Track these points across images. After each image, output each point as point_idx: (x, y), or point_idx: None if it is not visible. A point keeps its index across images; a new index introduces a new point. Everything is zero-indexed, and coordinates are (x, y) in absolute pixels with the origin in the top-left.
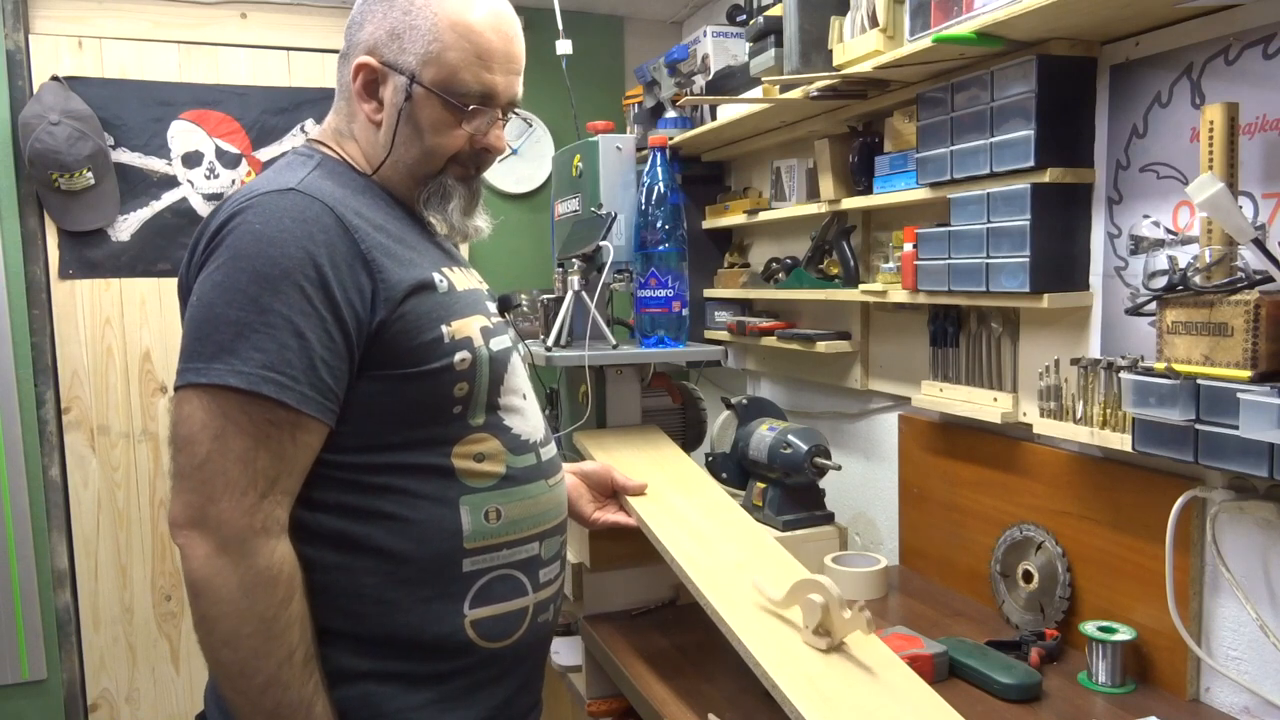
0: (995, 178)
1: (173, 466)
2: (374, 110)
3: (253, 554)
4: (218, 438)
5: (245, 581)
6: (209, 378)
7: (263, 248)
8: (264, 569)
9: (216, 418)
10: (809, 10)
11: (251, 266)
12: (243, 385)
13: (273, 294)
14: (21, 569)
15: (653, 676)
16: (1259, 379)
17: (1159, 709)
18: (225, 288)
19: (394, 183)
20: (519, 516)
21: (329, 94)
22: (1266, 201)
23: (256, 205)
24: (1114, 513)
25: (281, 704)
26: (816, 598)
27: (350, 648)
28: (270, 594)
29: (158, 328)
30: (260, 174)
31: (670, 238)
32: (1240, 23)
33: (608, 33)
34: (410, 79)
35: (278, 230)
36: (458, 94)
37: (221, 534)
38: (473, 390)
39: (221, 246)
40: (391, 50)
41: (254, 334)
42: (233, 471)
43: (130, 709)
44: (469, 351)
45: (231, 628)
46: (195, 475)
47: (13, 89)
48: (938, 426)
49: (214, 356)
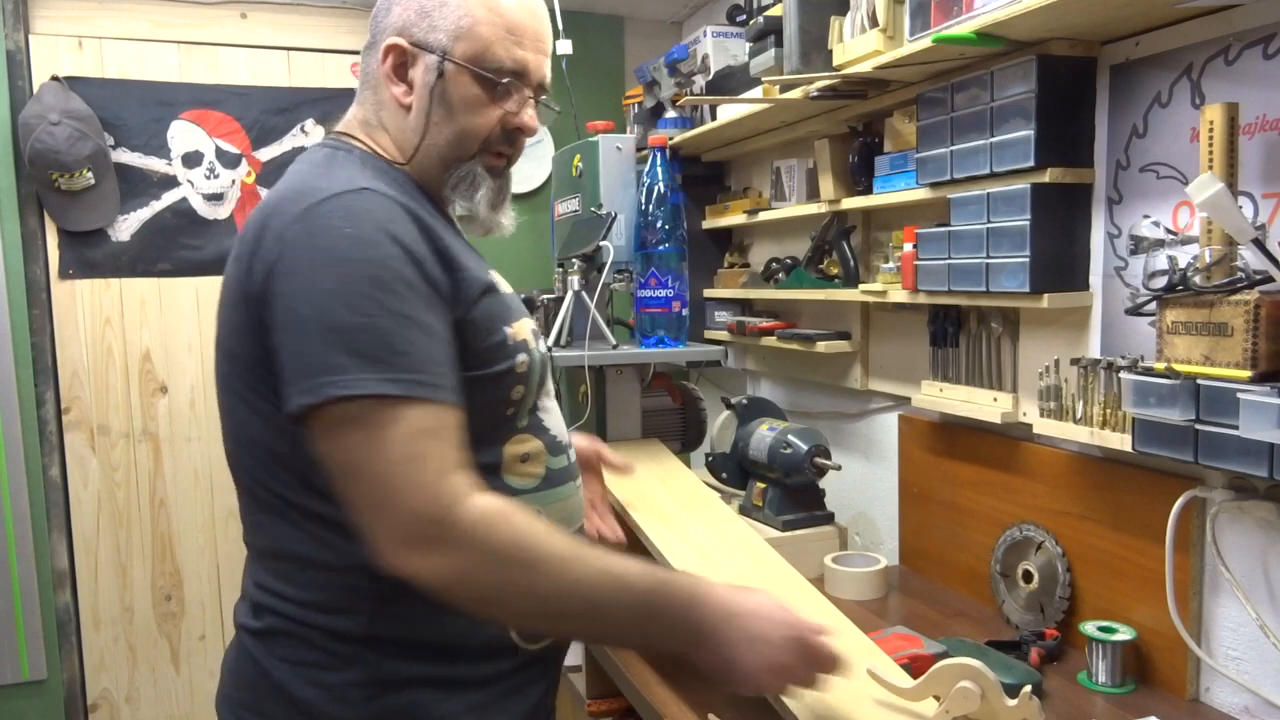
0: (995, 178)
1: (345, 499)
2: (404, 93)
3: (463, 531)
4: (382, 450)
5: (477, 561)
6: (362, 389)
7: (364, 250)
8: (480, 534)
9: (374, 431)
10: (809, 10)
11: (361, 271)
12: (399, 392)
13: (393, 295)
14: (21, 569)
15: (653, 676)
16: (1259, 379)
17: (1159, 709)
18: (340, 294)
19: (427, 173)
20: (556, 518)
21: (329, 94)
22: (1266, 201)
23: (338, 206)
24: (1114, 513)
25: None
26: (970, 685)
27: (401, 654)
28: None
29: (158, 328)
30: (301, 169)
31: (670, 238)
32: (1240, 23)
33: (608, 33)
34: (441, 56)
35: (371, 231)
36: (490, 68)
37: (429, 539)
38: (526, 392)
39: (312, 251)
40: (421, 29)
41: (391, 338)
42: (406, 478)
43: (130, 709)
44: (526, 354)
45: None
46: (376, 499)
47: (13, 89)
48: (938, 426)
49: (358, 367)
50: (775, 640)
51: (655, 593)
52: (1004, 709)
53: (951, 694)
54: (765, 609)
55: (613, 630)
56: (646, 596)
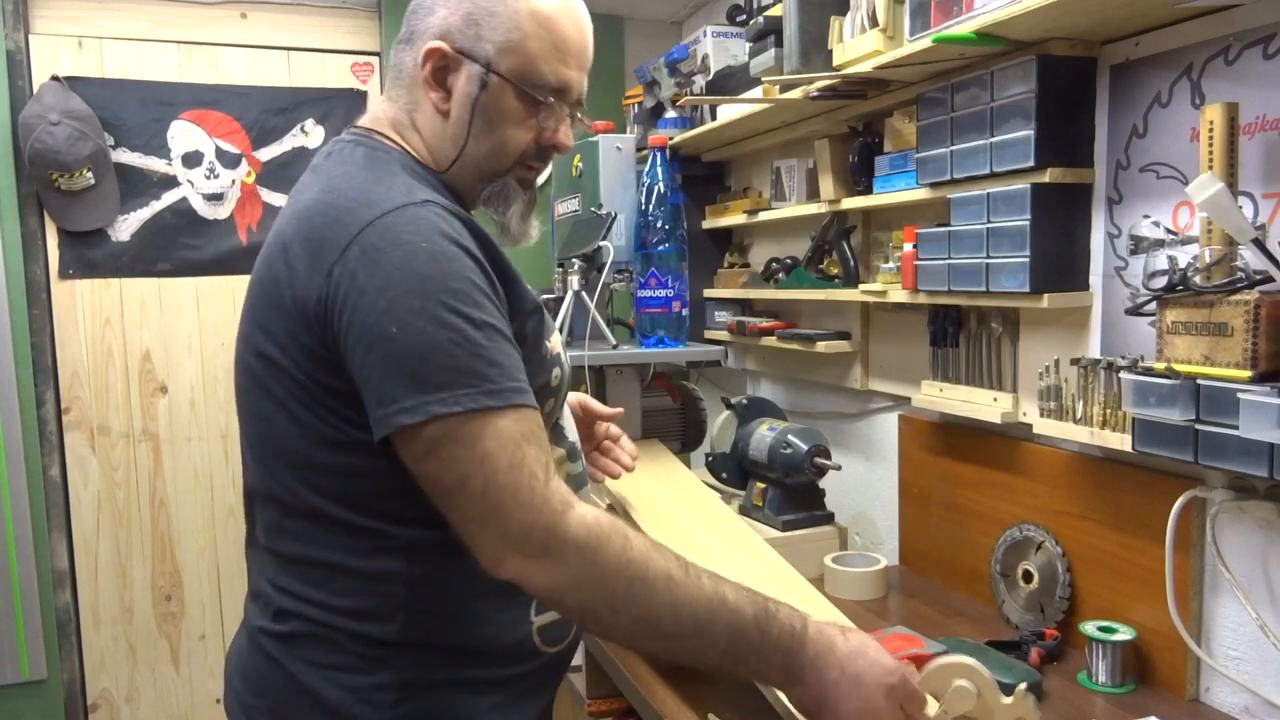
0: (995, 178)
1: (454, 515)
2: (441, 99)
3: (575, 544)
4: (484, 462)
5: (589, 575)
6: (464, 404)
7: (443, 264)
8: (591, 547)
9: (479, 444)
10: (809, 10)
11: (444, 285)
12: (499, 404)
13: (476, 307)
14: (21, 569)
15: (653, 676)
16: (1259, 379)
17: (1159, 709)
18: (428, 311)
19: (462, 183)
20: None
21: (329, 94)
22: (1266, 201)
23: (404, 219)
24: (1114, 513)
25: (696, 617)
26: (967, 685)
27: (429, 657)
28: (612, 557)
29: (158, 328)
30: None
31: (670, 238)
32: (1240, 23)
33: (608, 33)
34: (486, 67)
35: (445, 245)
36: (535, 85)
37: (542, 547)
38: (556, 405)
39: (388, 266)
40: (467, 37)
41: (482, 349)
42: (514, 485)
43: (130, 709)
44: (560, 369)
45: (621, 609)
46: (485, 508)
47: (13, 89)
48: (938, 426)
49: (457, 383)
50: (872, 684)
51: (763, 623)
52: (1000, 707)
53: (949, 693)
54: (867, 651)
55: (713, 655)
56: (754, 625)
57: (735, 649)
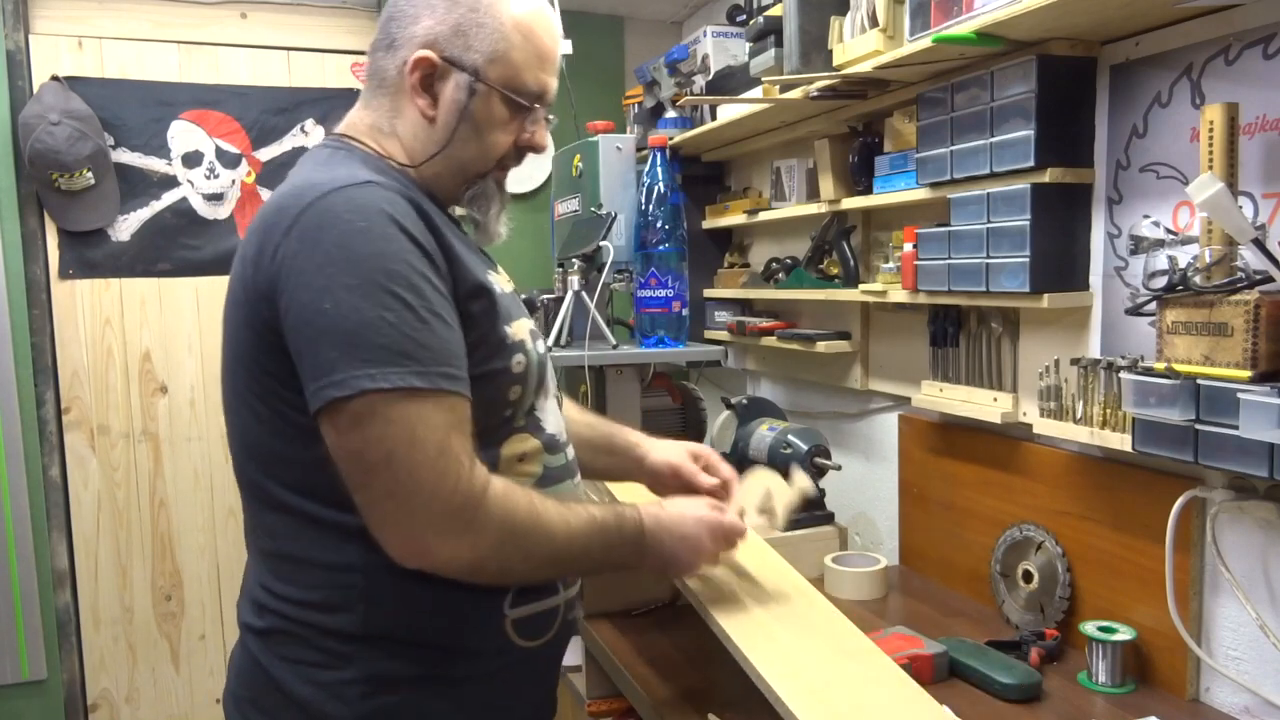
0: (995, 178)
1: (369, 492)
2: (428, 106)
3: (495, 515)
4: (412, 443)
5: (505, 537)
6: (390, 381)
7: (379, 244)
8: (508, 513)
9: (406, 425)
10: (809, 10)
11: (379, 265)
12: (426, 385)
13: (411, 289)
14: (21, 569)
15: (653, 676)
16: (1259, 379)
17: (1159, 709)
18: (362, 290)
19: (439, 181)
20: None
21: (329, 94)
22: (1266, 201)
23: (343, 199)
24: (1114, 513)
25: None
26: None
27: (395, 653)
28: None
29: (158, 328)
30: (302, 169)
31: (670, 238)
32: (1240, 23)
33: (608, 33)
34: (474, 76)
35: (382, 224)
36: (520, 92)
37: (465, 524)
38: (524, 393)
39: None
40: (455, 47)
41: (415, 331)
42: (441, 471)
43: (130, 709)
44: (523, 354)
45: (531, 558)
46: (409, 488)
47: (13, 89)
48: (938, 426)
49: (386, 361)
50: (695, 534)
51: (620, 529)
52: (782, 489)
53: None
54: (684, 513)
55: (593, 565)
56: (613, 533)
57: (607, 556)
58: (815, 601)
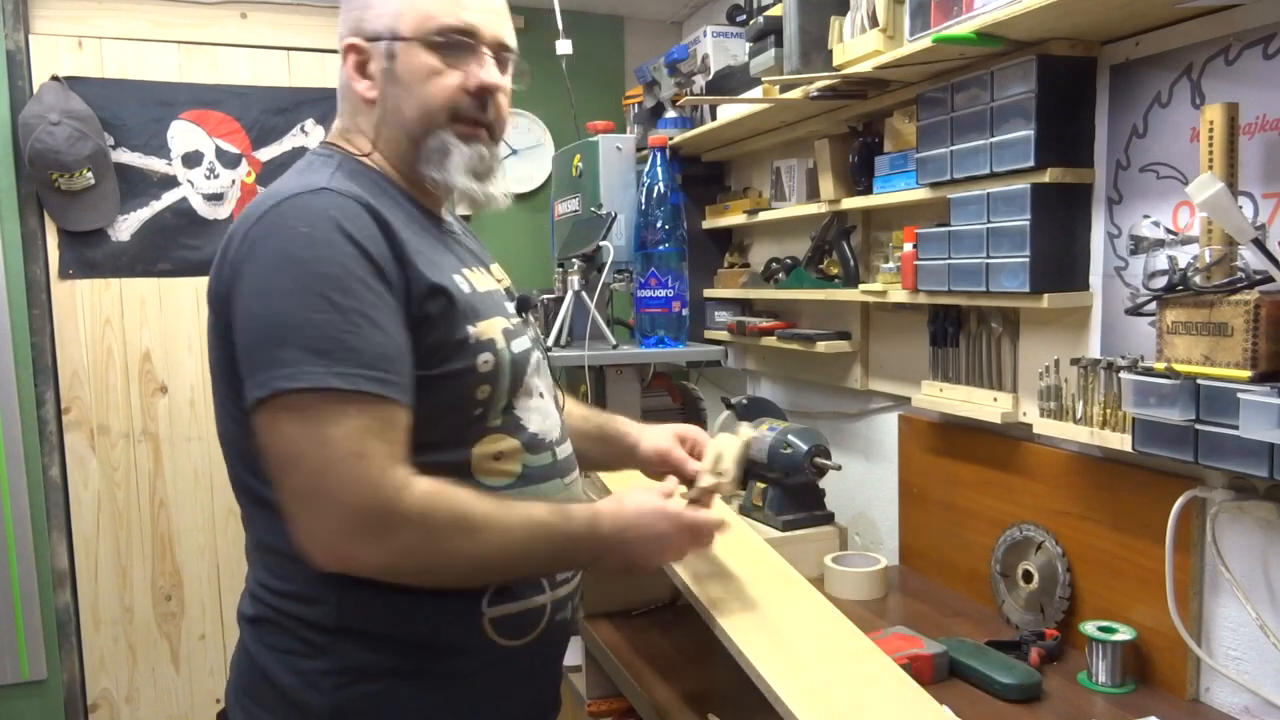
0: (995, 178)
1: (281, 491)
2: (368, 88)
3: (410, 517)
4: (325, 444)
5: (421, 538)
6: (307, 381)
7: (318, 248)
8: (426, 514)
9: (319, 424)
10: (809, 10)
11: (315, 269)
12: (345, 386)
13: (345, 292)
14: (21, 569)
15: (653, 676)
16: (1259, 379)
17: (1159, 709)
18: (294, 293)
19: (403, 157)
20: None
21: (329, 94)
22: (1266, 201)
23: (294, 207)
24: (1114, 513)
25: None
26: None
27: (370, 645)
28: (443, 520)
29: (158, 328)
30: (284, 177)
31: (670, 238)
32: (1240, 23)
33: (608, 33)
34: (391, 38)
35: (326, 230)
36: (438, 31)
37: (378, 527)
38: (494, 392)
39: (268, 251)
40: (369, 23)
41: (341, 333)
42: (352, 474)
43: (130, 709)
44: (491, 354)
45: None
46: (314, 489)
47: (13, 89)
48: (938, 426)
49: (305, 360)
50: (660, 529)
51: (566, 528)
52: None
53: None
54: (643, 506)
55: (540, 568)
56: (559, 533)
57: (554, 558)
58: (815, 601)
